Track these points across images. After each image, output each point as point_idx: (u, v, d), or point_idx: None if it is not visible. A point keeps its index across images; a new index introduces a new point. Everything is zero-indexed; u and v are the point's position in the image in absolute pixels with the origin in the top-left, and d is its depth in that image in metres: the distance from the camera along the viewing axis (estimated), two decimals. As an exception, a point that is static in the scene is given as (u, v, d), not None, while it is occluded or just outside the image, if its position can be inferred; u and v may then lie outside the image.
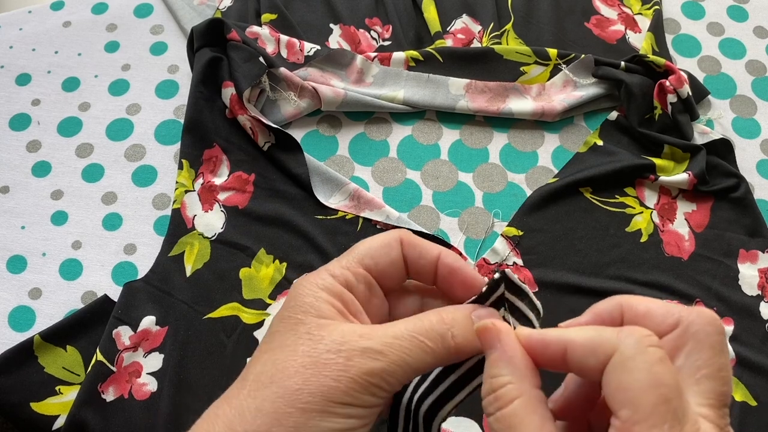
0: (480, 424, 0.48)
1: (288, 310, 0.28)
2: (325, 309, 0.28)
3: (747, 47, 0.65)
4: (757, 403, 0.48)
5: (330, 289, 0.28)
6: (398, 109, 0.60)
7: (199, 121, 0.58)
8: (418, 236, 0.31)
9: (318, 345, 0.26)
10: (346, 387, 0.25)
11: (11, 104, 0.63)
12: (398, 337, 0.27)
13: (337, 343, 0.26)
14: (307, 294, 0.28)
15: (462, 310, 0.29)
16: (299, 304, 0.28)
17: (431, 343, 0.27)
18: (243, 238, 0.54)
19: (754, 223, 0.54)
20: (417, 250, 0.30)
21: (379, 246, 0.30)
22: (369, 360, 0.26)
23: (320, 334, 0.27)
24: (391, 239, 0.30)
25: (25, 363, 0.49)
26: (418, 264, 0.30)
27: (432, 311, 0.29)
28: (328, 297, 0.28)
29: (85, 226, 0.57)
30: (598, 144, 0.58)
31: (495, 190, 0.58)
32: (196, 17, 0.66)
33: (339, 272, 0.29)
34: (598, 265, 0.53)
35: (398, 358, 0.26)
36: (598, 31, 0.65)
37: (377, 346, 0.26)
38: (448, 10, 0.65)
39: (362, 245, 0.30)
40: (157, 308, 0.51)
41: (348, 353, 0.26)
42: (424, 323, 0.27)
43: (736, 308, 0.52)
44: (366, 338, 0.26)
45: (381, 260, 0.30)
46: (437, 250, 0.30)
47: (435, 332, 0.27)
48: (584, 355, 0.24)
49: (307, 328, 0.27)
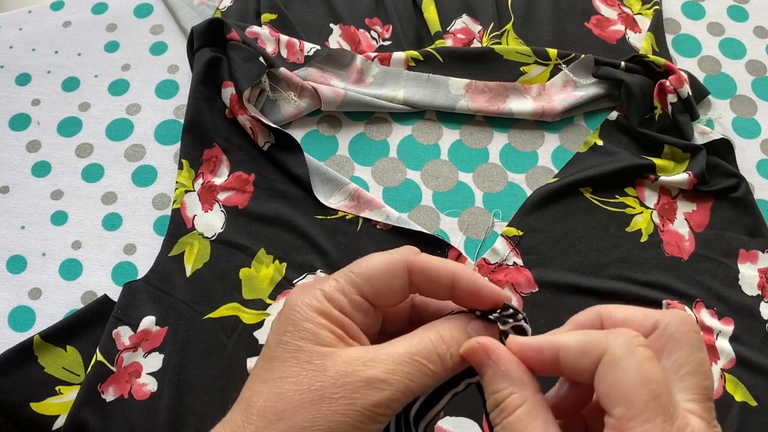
0: (480, 424, 0.48)
1: (286, 334, 0.28)
2: (325, 336, 0.27)
3: (747, 47, 0.65)
4: (757, 403, 0.48)
5: (327, 314, 0.28)
6: (398, 109, 0.60)
7: (199, 121, 0.57)
8: (427, 256, 0.29)
9: (322, 377, 0.26)
10: (354, 420, 0.26)
11: (11, 104, 0.63)
12: (401, 362, 0.26)
13: (342, 375, 0.26)
14: (304, 319, 0.27)
15: (458, 326, 0.28)
16: (297, 330, 0.27)
17: (433, 366, 0.27)
18: (243, 238, 0.54)
19: (754, 223, 0.54)
20: (427, 275, 0.29)
21: (381, 274, 0.29)
22: (375, 391, 0.26)
23: (324, 365, 0.26)
24: (396, 267, 0.29)
25: (25, 363, 0.49)
26: (428, 290, 0.29)
27: (430, 327, 0.28)
28: (326, 323, 0.28)
29: (85, 226, 0.57)
30: (598, 144, 0.58)
31: (495, 190, 0.58)
32: (196, 17, 0.66)
33: (335, 296, 0.28)
34: (598, 265, 0.53)
35: (402, 385, 0.26)
36: (598, 31, 0.65)
37: (381, 375, 0.26)
38: (448, 10, 0.65)
39: (363, 267, 0.29)
40: (157, 308, 0.51)
41: (353, 386, 0.26)
42: (425, 344, 0.27)
43: (736, 308, 0.52)
44: (370, 366, 0.26)
45: (381, 289, 0.29)
46: (450, 274, 0.29)
47: (436, 354, 0.27)
48: (576, 357, 0.25)
49: (309, 357, 0.27)
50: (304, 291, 0.29)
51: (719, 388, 0.49)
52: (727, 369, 0.50)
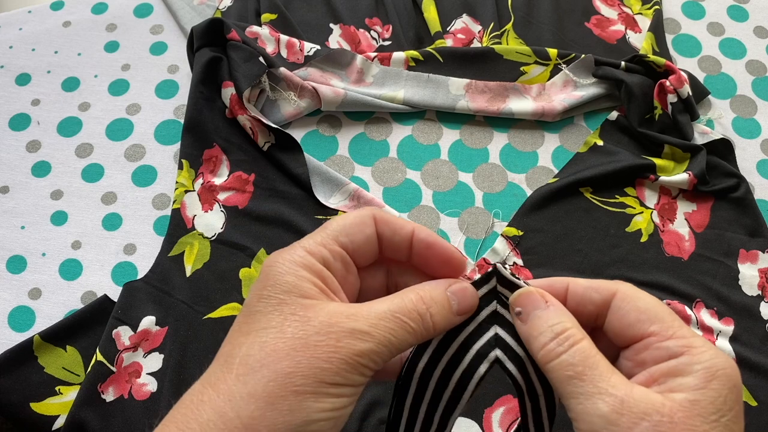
0: (480, 424, 0.48)
1: (267, 289, 0.28)
2: (307, 288, 0.28)
3: (747, 47, 0.65)
4: (757, 403, 0.48)
5: (309, 267, 0.28)
6: (398, 109, 0.60)
7: (199, 121, 0.57)
8: (390, 214, 0.31)
9: (306, 326, 0.26)
10: (337, 368, 0.26)
11: (11, 104, 0.63)
12: (383, 317, 0.27)
13: (326, 325, 0.26)
14: (286, 272, 0.28)
15: (438, 288, 0.30)
16: (279, 283, 0.28)
17: (413, 324, 0.28)
18: (243, 238, 0.54)
19: (754, 223, 0.54)
20: (391, 226, 0.30)
21: (353, 223, 0.30)
22: (358, 341, 0.26)
23: (307, 315, 0.27)
24: (364, 216, 0.30)
25: (25, 363, 0.49)
26: (392, 241, 0.31)
27: (410, 290, 0.29)
28: (308, 275, 0.28)
29: (84, 226, 0.57)
30: (598, 144, 0.58)
31: (495, 190, 0.58)
32: (196, 17, 0.66)
33: (316, 249, 0.29)
34: (598, 265, 0.53)
35: (384, 338, 0.27)
36: (598, 31, 0.65)
37: (364, 327, 0.27)
38: (448, 10, 0.65)
39: (336, 222, 0.30)
40: (156, 308, 0.51)
41: (337, 335, 0.26)
42: (406, 303, 0.28)
43: (736, 308, 0.52)
44: (353, 319, 0.27)
45: (356, 237, 0.30)
46: (411, 226, 0.31)
47: (416, 312, 0.28)
48: (585, 291, 0.29)
49: (292, 309, 0.27)
50: (283, 251, 0.29)
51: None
52: (727, 369, 0.50)
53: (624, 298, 0.28)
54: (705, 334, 0.51)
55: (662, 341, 0.26)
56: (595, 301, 0.29)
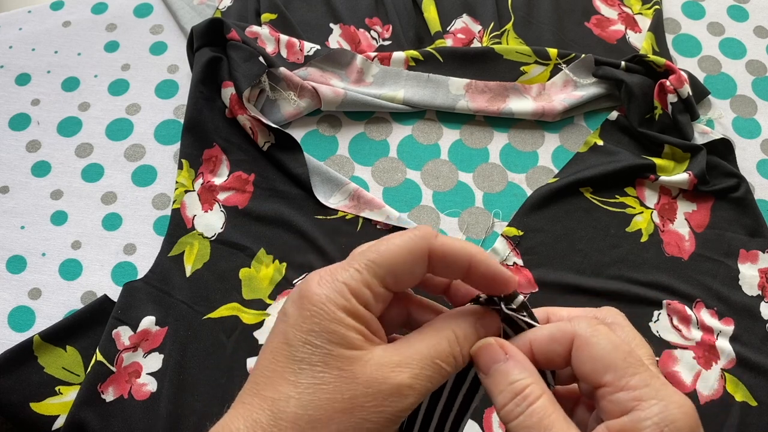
0: (480, 424, 0.48)
1: (312, 335, 0.27)
2: (352, 338, 0.27)
3: (747, 47, 0.65)
4: (758, 403, 0.48)
5: (354, 313, 0.27)
6: (398, 109, 0.60)
7: (199, 120, 0.57)
8: (446, 239, 0.29)
9: (353, 385, 0.26)
10: (380, 426, 0.26)
11: (11, 104, 0.63)
12: (425, 366, 0.27)
13: (373, 382, 0.26)
14: (332, 320, 0.27)
15: (471, 324, 0.29)
16: (325, 331, 0.27)
17: (448, 368, 0.28)
18: (243, 238, 0.54)
19: (755, 223, 0.54)
20: (445, 260, 0.29)
21: (405, 261, 0.28)
22: (402, 398, 0.27)
23: (353, 372, 0.27)
24: (418, 254, 0.28)
25: (24, 363, 0.49)
26: (443, 272, 0.29)
27: (445, 325, 0.29)
28: (354, 324, 0.27)
29: (84, 226, 0.57)
30: (598, 144, 0.58)
31: (495, 190, 0.58)
32: (196, 17, 0.66)
33: (361, 292, 0.28)
34: (598, 265, 0.53)
35: (425, 389, 0.27)
36: (598, 30, 0.65)
37: (408, 380, 0.27)
38: (448, 10, 0.65)
39: (384, 252, 0.28)
40: (156, 308, 0.51)
41: (384, 394, 0.26)
42: (444, 347, 0.28)
43: (736, 308, 0.52)
44: (398, 371, 0.27)
45: (404, 278, 0.29)
46: (468, 259, 0.29)
47: (452, 357, 0.28)
48: (548, 345, 0.28)
49: (339, 363, 0.27)
50: (325, 283, 0.28)
51: (719, 388, 0.49)
52: (728, 369, 0.50)
53: (579, 346, 0.27)
54: (705, 334, 0.51)
55: (614, 393, 0.26)
56: (560, 353, 0.28)
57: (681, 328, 0.51)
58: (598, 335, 0.27)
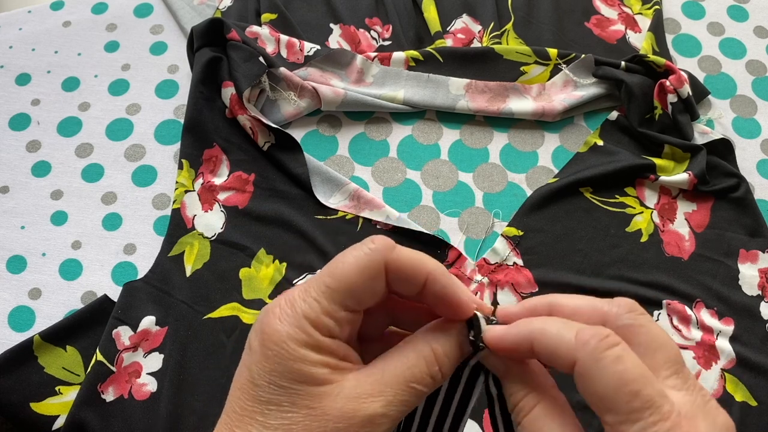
0: (480, 424, 0.48)
1: (274, 375, 0.26)
2: (318, 374, 0.26)
3: (747, 47, 0.65)
4: (758, 403, 0.48)
5: (318, 347, 0.26)
6: (398, 109, 0.60)
7: (199, 121, 0.57)
8: (403, 252, 0.27)
9: (324, 422, 0.26)
10: None
11: (11, 104, 0.63)
12: (398, 390, 0.26)
13: (344, 417, 0.26)
14: (295, 359, 0.26)
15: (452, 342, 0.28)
16: (289, 371, 0.26)
17: (426, 389, 0.27)
18: (243, 238, 0.54)
19: (755, 223, 0.54)
20: (402, 275, 0.27)
21: (362, 280, 0.27)
22: (376, 427, 0.26)
23: (323, 408, 0.26)
24: (374, 270, 0.27)
25: (25, 363, 0.49)
26: (400, 287, 0.28)
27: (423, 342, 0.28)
28: (318, 358, 0.26)
29: (84, 226, 0.57)
30: (598, 144, 0.58)
31: (495, 190, 0.58)
32: (196, 17, 0.66)
33: (322, 322, 0.26)
34: (598, 265, 0.53)
35: (399, 413, 0.26)
36: (598, 31, 0.65)
37: (381, 410, 0.26)
38: (448, 10, 0.65)
39: (339, 274, 0.27)
40: (156, 308, 0.51)
41: (356, 427, 0.26)
42: (421, 368, 0.27)
43: (736, 308, 0.52)
44: (369, 401, 0.26)
45: (364, 298, 0.27)
46: (424, 275, 0.27)
47: (429, 377, 0.27)
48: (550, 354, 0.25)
49: (308, 402, 0.26)
50: (285, 317, 0.26)
51: (719, 388, 0.49)
52: (728, 369, 0.50)
53: (581, 374, 0.24)
54: (705, 334, 0.51)
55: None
56: (561, 366, 0.25)
57: (681, 328, 0.51)
58: (602, 369, 0.24)
